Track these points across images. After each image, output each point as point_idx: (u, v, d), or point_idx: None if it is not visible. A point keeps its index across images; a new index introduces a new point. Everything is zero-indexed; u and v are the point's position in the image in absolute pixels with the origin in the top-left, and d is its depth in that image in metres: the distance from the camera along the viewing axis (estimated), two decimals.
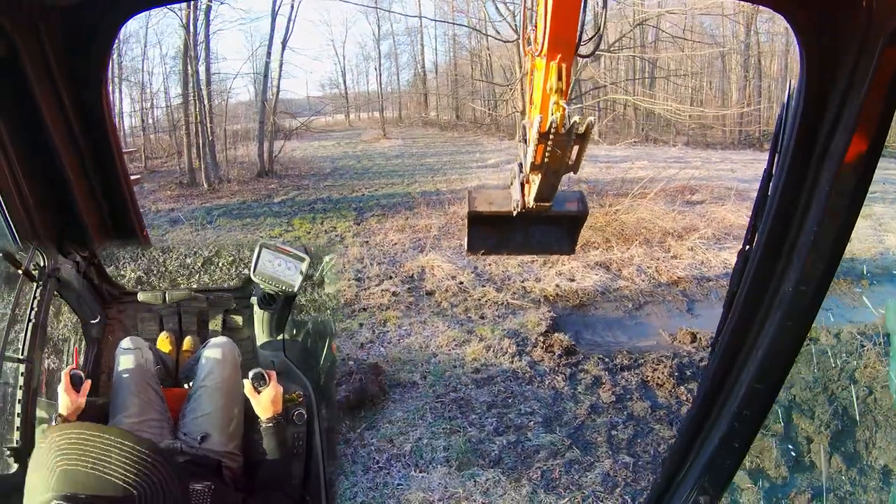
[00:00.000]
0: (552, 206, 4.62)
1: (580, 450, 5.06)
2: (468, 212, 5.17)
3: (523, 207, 4.64)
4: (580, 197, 5.07)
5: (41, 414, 2.08)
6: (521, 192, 4.60)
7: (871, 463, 4.66)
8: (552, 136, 3.58)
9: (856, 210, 1.46)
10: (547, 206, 4.55)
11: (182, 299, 2.92)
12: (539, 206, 4.52)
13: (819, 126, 1.48)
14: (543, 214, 4.83)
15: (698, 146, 19.90)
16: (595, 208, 11.24)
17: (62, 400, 1.91)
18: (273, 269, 2.39)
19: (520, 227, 5.25)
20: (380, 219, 11.95)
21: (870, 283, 8.26)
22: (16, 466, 1.89)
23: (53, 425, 1.87)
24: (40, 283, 2.13)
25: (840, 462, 4.67)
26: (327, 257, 3.40)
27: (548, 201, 4.49)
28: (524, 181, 4.52)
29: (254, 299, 2.64)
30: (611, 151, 16.67)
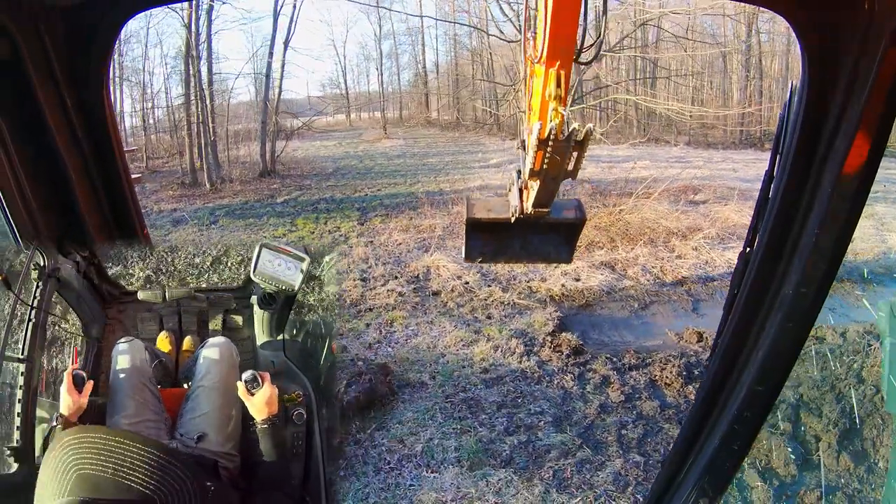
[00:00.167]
0: (550, 212, 4.63)
1: (591, 449, 5.05)
2: (467, 218, 5.15)
3: (522, 213, 4.64)
4: (577, 204, 5.07)
5: (41, 414, 2.08)
6: (520, 197, 4.61)
7: (877, 461, 4.65)
8: (551, 142, 3.58)
9: (857, 212, 1.46)
10: (545, 211, 4.55)
11: (182, 297, 2.92)
12: (538, 211, 4.52)
13: (821, 127, 1.48)
14: (541, 221, 4.83)
15: (699, 146, 19.84)
16: (599, 208, 11.27)
17: (64, 400, 1.90)
18: (273, 268, 2.39)
19: (518, 235, 5.24)
20: (383, 219, 11.92)
21: (872, 284, 8.23)
22: (16, 466, 1.89)
23: (57, 425, 1.85)
24: (40, 283, 2.13)
25: (848, 460, 4.66)
26: (327, 257, 3.40)
27: (546, 207, 4.49)
28: (522, 187, 4.53)
29: (254, 299, 2.64)
30: (613, 151, 16.63)
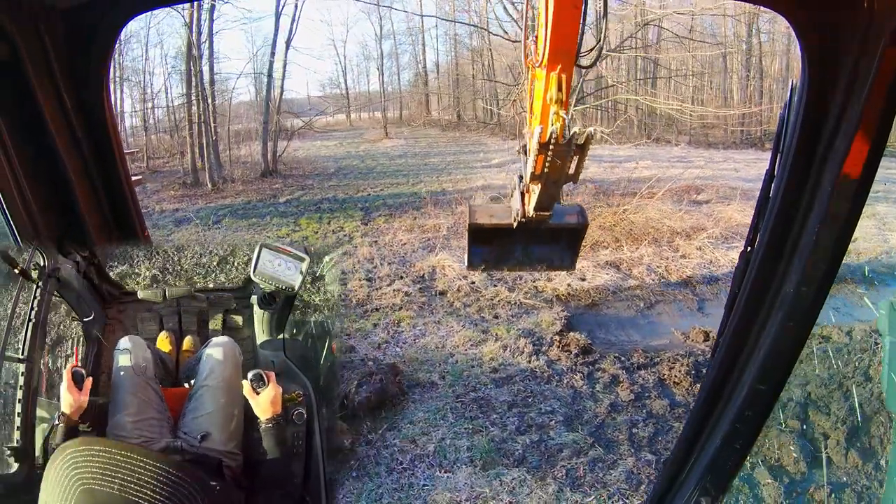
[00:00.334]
0: (551, 218, 4.65)
1: (603, 448, 5.06)
2: (469, 224, 5.15)
3: (523, 216, 4.65)
4: (579, 210, 5.09)
5: (42, 414, 2.08)
6: (522, 201, 4.63)
7: (884, 458, 4.64)
8: (552, 146, 3.60)
9: (857, 211, 1.45)
10: (547, 215, 4.57)
11: (182, 296, 2.92)
12: (539, 215, 4.54)
13: (821, 127, 1.47)
14: (543, 227, 4.84)
15: (700, 146, 19.82)
16: (603, 208, 11.30)
17: (64, 398, 1.90)
18: (273, 268, 2.39)
19: (520, 241, 5.25)
20: (387, 219, 11.92)
21: (874, 283, 8.21)
22: (16, 466, 1.90)
23: (59, 424, 1.85)
24: (40, 283, 2.13)
25: (856, 457, 4.66)
26: (328, 257, 3.40)
27: (548, 210, 4.51)
28: (524, 190, 4.55)
29: (254, 299, 2.64)
30: (614, 151, 16.62)
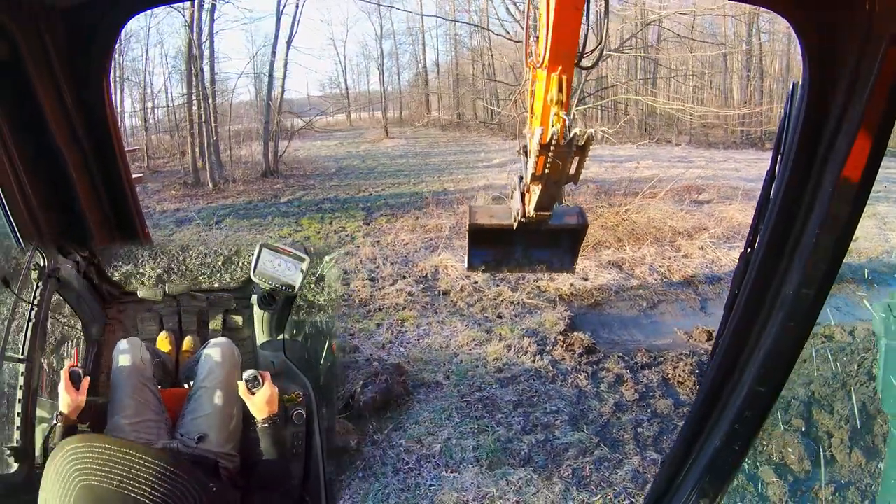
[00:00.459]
0: (551, 219, 4.66)
1: (608, 447, 5.07)
2: (469, 224, 5.14)
3: (524, 216, 4.66)
4: (579, 211, 5.10)
5: (42, 414, 2.08)
6: (522, 201, 4.64)
7: (885, 456, 4.64)
8: (553, 147, 3.60)
9: (858, 212, 1.45)
10: (547, 215, 4.58)
11: (181, 292, 2.92)
12: (539, 215, 4.55)
13: (822, 127, 1.47)
14: (543, 228, 4.85)
15: (701, 146, 19.82)
16: (605, 208, 11.30)
17: (62, 398, 1.90)
18: (273, 268, 2.39)
19: (520, 243, 5.25)
20: (389, 218, 11.90)
21: (875, 284, 8.20)
22: (16, 466, 1.90)
23: (58, 423, 1.86)
24: (40, 283, 2.13)
25: (860, 455, 4.65)
26: (328, 257, 3.40)
27: (548, 211, 4.52)
28: (524, 191, 4.56)
29: (254, 299, 2.64)
30: (616, 151, 16.62)
